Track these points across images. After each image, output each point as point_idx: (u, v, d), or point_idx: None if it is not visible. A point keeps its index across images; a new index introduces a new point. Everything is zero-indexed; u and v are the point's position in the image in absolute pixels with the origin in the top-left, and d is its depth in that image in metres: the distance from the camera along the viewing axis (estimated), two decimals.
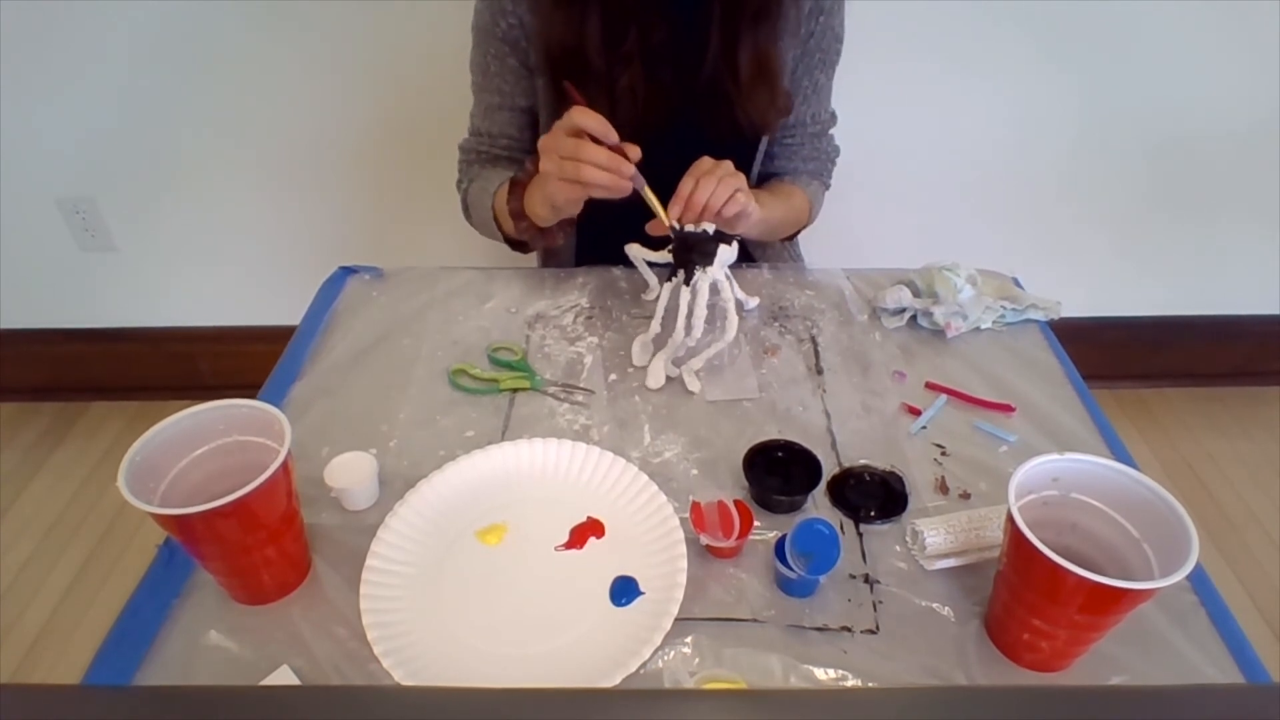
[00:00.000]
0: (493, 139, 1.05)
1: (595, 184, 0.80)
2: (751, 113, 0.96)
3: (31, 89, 1.52)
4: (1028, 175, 1.67)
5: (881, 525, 0.73)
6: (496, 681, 0.61)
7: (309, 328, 0.95)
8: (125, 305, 1.86)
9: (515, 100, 1.02)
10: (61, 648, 1.47)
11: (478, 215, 1.04)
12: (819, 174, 1.13)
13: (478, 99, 1.05)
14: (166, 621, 0.65)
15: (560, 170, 0.80)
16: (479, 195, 1.02)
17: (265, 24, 1.45)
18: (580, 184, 0.80)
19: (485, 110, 1.04)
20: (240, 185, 1.66)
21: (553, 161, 0.81)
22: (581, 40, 0.90)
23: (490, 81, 1.01)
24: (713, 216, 0.84)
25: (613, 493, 0.75)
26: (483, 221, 1.03)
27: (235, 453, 0.65)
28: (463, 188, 1.08)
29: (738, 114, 0.96)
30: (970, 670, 0.62)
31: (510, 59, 0.98)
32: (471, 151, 1.07)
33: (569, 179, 0.80)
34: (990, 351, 0.93)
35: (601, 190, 0.81)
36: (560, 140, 0.80)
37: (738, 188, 0.84)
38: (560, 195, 0.83)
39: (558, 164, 0.80)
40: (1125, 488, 0.60)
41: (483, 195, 1.01)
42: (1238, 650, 0.63)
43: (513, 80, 1.00)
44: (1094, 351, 1.69)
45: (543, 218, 0.90)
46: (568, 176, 0.80)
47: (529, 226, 0.92)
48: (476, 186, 1.04)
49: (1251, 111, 1.59)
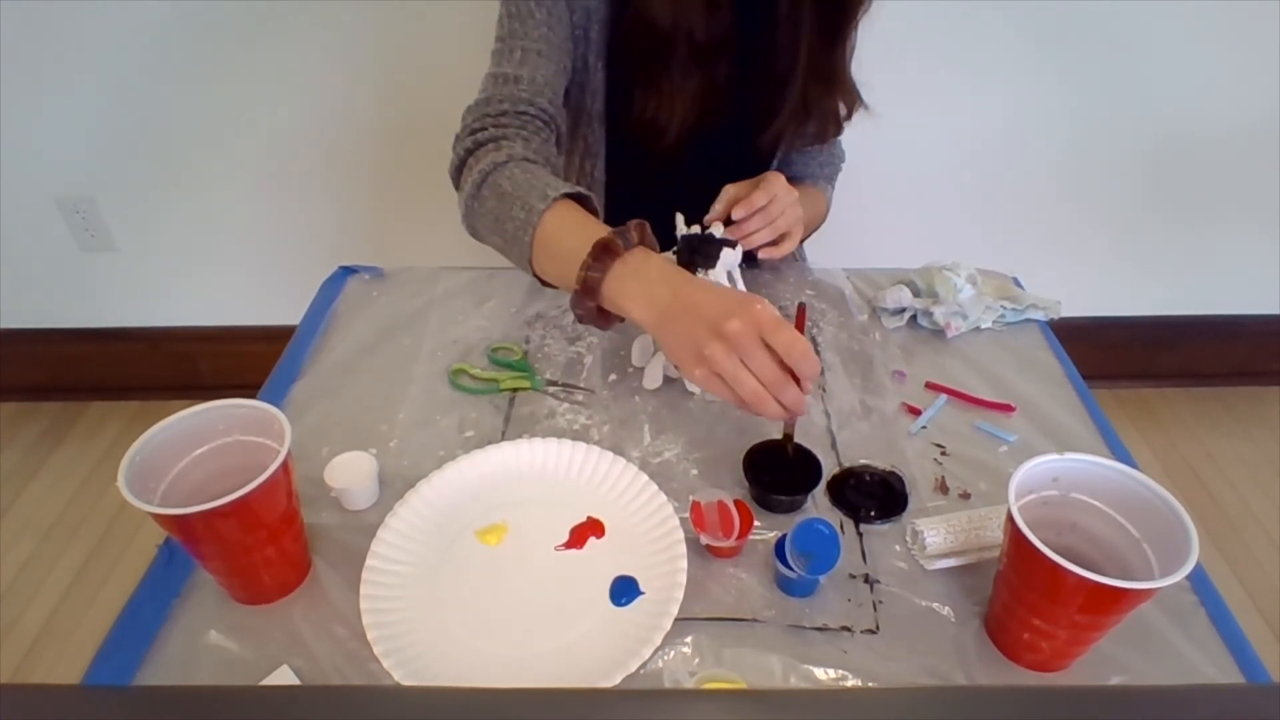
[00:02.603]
0: (536, 88, 0.84)
1: (761, 414, 0.64)
2: (824, 122, 0.96)
3: (31, 89, 1.52)
4: (1028, 175, 1.67)
5: (881, 525, 0.73)
6: (496, 681, 0.61)
7: (309, 328, 0.95)
8: (125, 305, 1.86)
9: (560, 56, 0.86)
10: (61, 648, 1.47)
11: (502, 216, 0.76)
12: (831, 178, 1.14)
13: (508, 48, 0.85)
14: (166, 621, 0.65)
15: (734, 379, 0.63)
16: (524, 189, 0.75)
17: (265, 24, 1.45)
18: (741, 403, 0.64)
19: (523, 56, 0.84)
20: (240, 185, 1.66)
21: (730, 361, 0.62)
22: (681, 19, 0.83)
23: (533, 29, 0.84)
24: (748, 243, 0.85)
25: (613, 493, 0.75)
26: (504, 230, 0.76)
27: (235, 453, 0.65)
28: (489, 160, 0.78)
29: (810, 123, 0.96)
30: (970, 670, 0.62)
31: (563, 13, 0.85)
32: (505, 102, 0.83)
33: (739, 393, 0.63)
34: (990, 351, 0.93)
35: (748, 410, 0.65)
36: (758, 354, 0.62)
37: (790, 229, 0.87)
38: (700, 383, 0.65)
39: (734, 370, 0.62)
40: (1125, 488, 0.60)
41: (531, 195, 0.74)
42: (1238, 650, 0.63)
43: (561, 34, 0.84)
44: (1094, 351, 1.70)
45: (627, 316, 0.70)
46: (739, 392, 0.63)
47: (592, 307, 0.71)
48: (520, 174, 0.76)
49: (1251, 111, 1.60)
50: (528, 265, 0.76)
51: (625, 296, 0.68)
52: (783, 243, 0.91)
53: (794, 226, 0.91)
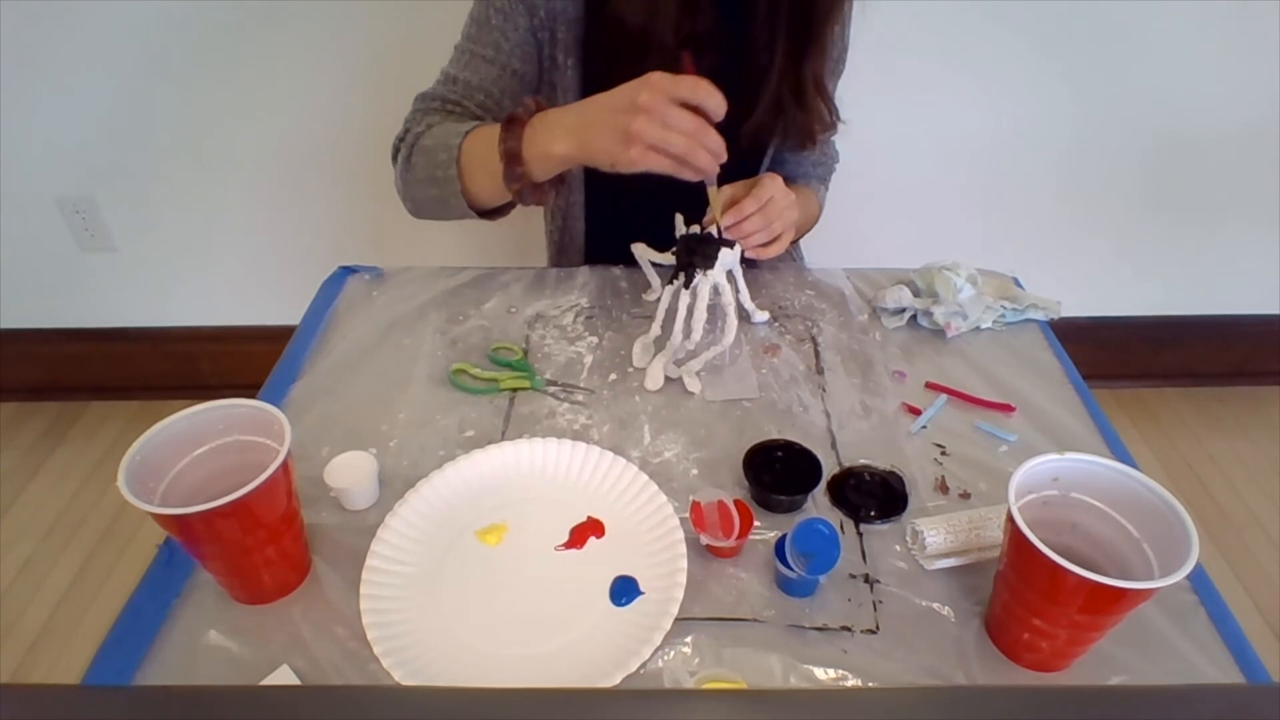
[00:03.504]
0: (469, 90, 0.93)
1: (697, 168, 0.72)
2: (807, 126, 0.96)
3: (31, 89, 1.52)
4: (1028, 174, 1.67)
5: (881, 525, 0.73)
6: (496, 681, 0.61)
7: (309, 328, 0.95)
8: (125, 305, 1.86)
9: (509, 60, 0.92)
10: (61, 648, 1.47)
11: (430, 166, 0.87)
12: (824, 178, 1.14)
13: (461, 51, 0.94)
14: (166, 621, 0.65)
15: (663, 139, 0.70)
16: (442, 137, 0.87)
17: (265, 24, 1.45)
18: (676, 160, 0.72)
19: (469, 60, 0.93)
20: (240, 185, 1.66)
21: (654, 126, 0.70)
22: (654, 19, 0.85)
23: (487, 35, 0.91)
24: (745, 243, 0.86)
25: (613, 493, 0.75)
26: (435, 177, 0.87)
27: (235, 453, 0.65)
28: (412, 134, 0.91)
29: (788, 125, 0.96)
30: (970, 670, 0.62)
31: (521, 18, 0.90)
32: (436, 100, 0.94)
33: (669, 153, 0.71)
34: (990, 351, 0.93)
35: (689, 173, 0.73)
36: (672, 111, 0.70)
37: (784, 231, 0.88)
38: (637, 162, 0.72)
39: (660, 132, 0.70)
40: (1125, 487, 0.60)
41: (449, 137, 0.86)
42: (1238, 650, 0.63)
43: (515, 40, 0.91)
44: (1094, 351, 1.70)
45: (555, 161, 0.78)
46: (671, 150, 0.71)
47: (522, 175, 0.80)
48: (439, 130, 0.89)
49: (1251, 111, 1.60)
50: (462, 199, 0.86)
51: (542, 144, 0.78)
52: (773, 244, 0.90)
53: (788, 228, 0.91)
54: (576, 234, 1.10)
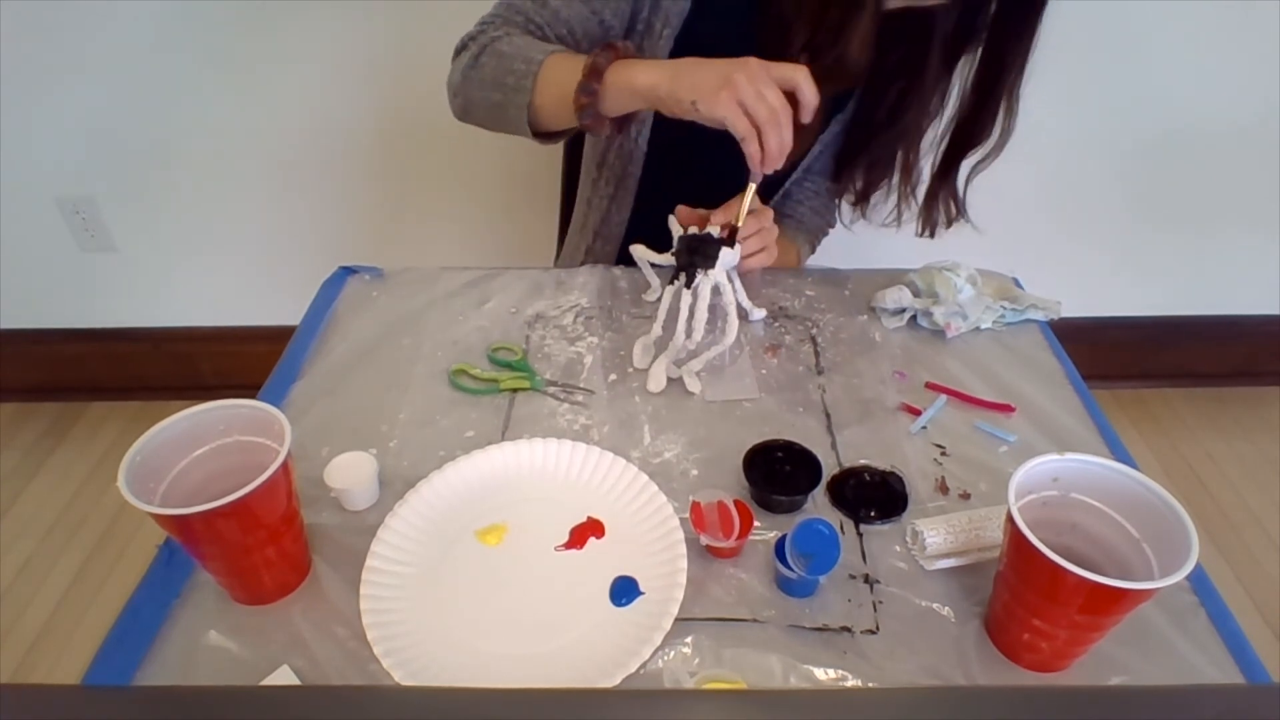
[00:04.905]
0: (555, 19, 0.90)
1: (769, 145, 0.75)
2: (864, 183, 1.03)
3: (31, 88, 1.52)
4: (1027, 175, 1.67)
5: (881, 525, 0.73)
6: (496, 681, 0.61)
7: (309, 328, 0.95)
8: (125, 305, 1.86)
9: (602, 8, 0.89)
10: (61, 648, 1.47)
11: (501, 71, 0.86)
12: (818, 231, 1.17)
13: None
14: (166, 621, 0.65)
15: (755, 100, 0.74)
16: (523, 48, 0.86)
17: (266, 24, 1.45)
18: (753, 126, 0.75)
19: None
20: (240, 185, 1.66)
21: (751, 86, 0.74)
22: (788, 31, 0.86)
23: None
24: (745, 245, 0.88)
25: (613, 493, 0.75)
26: (504, 84, 0.86)
27: (235, 453, 0.65)
28: (488, 35, 0.89)
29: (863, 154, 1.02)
30: (970, 670, 0.62)
31: None
32: (521, 15, 0.90)
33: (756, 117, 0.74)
34: (990, 351, 0.93)
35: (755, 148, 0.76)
36: (770, 90, 0.74)
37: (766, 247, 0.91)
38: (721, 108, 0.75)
39: (754, 92, 0.74)
40: (1125, 488, 0.60)
41: (531, 50, 0.85)
42: (1238, 650, 0.63)
43: None
44: (1094, 351, 1.69)
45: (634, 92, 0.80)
46: (756, 113, 0.74)
47: (595, 93, 0.81)
48: (520, 41, 0.87)
49: (1251, 112, 1.60)
50: (524, 111, 0.86)
51: (627, 74, 0.80)
52: (762, 254, 0.92)
53: (772, 246, 0.93)
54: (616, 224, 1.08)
